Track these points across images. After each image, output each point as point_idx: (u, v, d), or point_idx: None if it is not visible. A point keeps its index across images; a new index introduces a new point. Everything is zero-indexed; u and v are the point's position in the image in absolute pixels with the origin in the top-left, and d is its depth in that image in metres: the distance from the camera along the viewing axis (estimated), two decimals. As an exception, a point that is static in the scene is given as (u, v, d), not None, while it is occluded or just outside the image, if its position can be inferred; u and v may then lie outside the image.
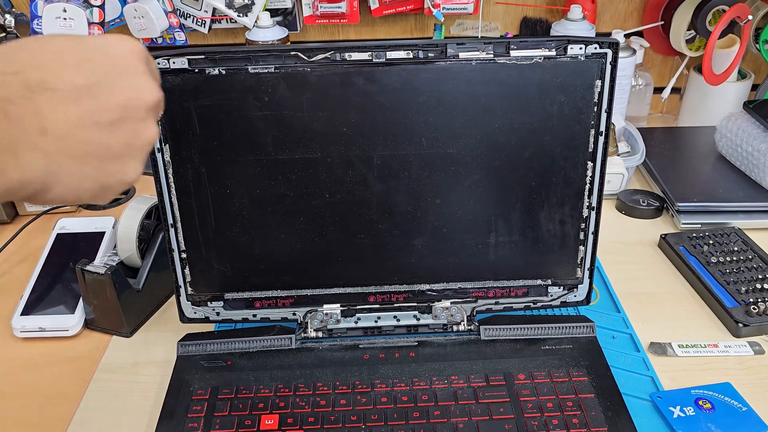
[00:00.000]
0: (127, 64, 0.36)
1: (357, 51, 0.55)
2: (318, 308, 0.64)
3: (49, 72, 0.33)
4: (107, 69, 0.35)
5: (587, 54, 0.56)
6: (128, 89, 0.35)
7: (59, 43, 0.34)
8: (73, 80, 0.33)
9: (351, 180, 0.59)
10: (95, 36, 0.36)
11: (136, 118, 0.36)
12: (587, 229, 0.62)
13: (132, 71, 0.36)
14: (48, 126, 0.32)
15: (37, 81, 0.32)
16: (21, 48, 0.33)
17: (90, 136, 0.34)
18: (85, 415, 0.60)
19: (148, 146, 0.37)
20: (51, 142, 0.32)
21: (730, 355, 0.64)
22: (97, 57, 0.35)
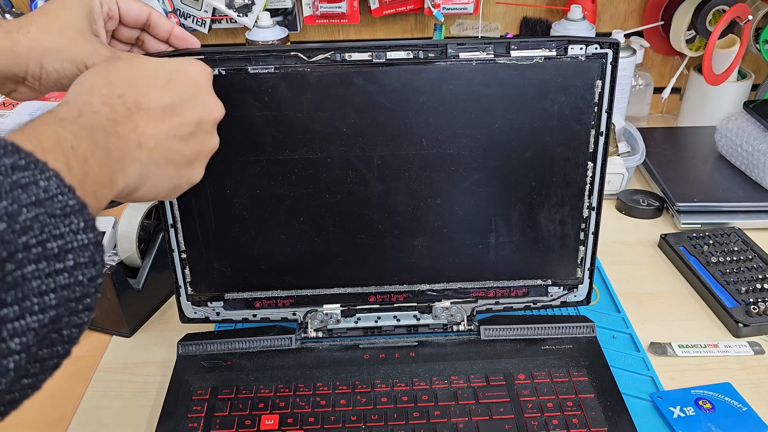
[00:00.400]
0: (200, 85, 0.43)
1: (357, 51, 0.55)
2: (318, 308, 0.64)
3: (143, 94, 0.39)
4: (186, 89, 0.42)
5: (588, 54, 0.56)
6: (201, 107, 0.43)
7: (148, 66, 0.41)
8: (161, 100, 0.40)
9: (351, 180, 0.59)
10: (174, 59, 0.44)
11: (205, 131, 0.43)
12: (587, 229, 0.62)
13: (204, 91, 0.43)
14: (143, 141, 0.38)
15: (134, 102, 0.39)
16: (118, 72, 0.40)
17: (172, 147, 0.41)
18: (85, 415, 0.60)
19: (212, 152, 0.45)
20: (145, 153, 0.38)
21: (730, 355, 0.64)
22: (178, 79, 0.42)
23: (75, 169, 0.32)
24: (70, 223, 0.29)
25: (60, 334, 0.29)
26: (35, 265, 0.27)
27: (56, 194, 0.28)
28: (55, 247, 0.28)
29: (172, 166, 0.41)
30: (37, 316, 0.27)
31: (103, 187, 0.35)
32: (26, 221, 0.27)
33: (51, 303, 0.28)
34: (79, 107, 0.36)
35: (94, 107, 0.37)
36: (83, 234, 0.29)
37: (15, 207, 0.27)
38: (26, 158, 0.28)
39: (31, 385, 0.30)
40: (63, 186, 0.29)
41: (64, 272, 0.28)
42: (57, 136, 0.32)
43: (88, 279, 0.30)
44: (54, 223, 0.28)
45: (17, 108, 0.85)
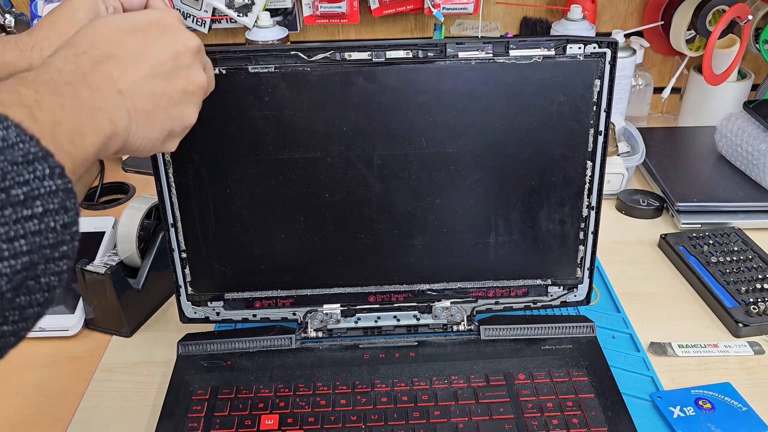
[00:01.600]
0: (167, 24, 0.42)
1: (357, 51, 0.55)
2: (318, 308, 0.64)
3: (109, 46, 0.39)
4: (153, 32, 0.41)
5: (586, 53, 0.56)
6: (174, 42, 0.42)
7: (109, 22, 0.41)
8: (129, 47, 0.39)
9: (351, 180, 0.59)
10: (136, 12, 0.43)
11: (186, 65, 0.42)
12: (587, 229, 0.62)
13: (173, 29, 0.42)
14: (122, 87, 0.38)
15: (100, 54, 0.38)
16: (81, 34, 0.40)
17: (154, 89, 0.40)
18: (85, 415, 0.60)
19: (200, 90, 0.43)
20: (128, 99, 0.38)
21: (730, 355, 0.64)
22: (143, 26, 0.41)
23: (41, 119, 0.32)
24: (34, 170, 0.29)
25: (37, 281, 0.29)
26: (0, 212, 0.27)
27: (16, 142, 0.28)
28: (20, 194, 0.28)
29: (160, 109, 0.40)
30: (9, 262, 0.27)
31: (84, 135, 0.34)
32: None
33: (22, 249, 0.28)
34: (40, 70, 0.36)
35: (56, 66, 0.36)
36: (50, 180, 0.29)
37: None
38: None
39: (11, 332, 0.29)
40: (23, 134, 0.29)
41: (33, 219, 0.28)
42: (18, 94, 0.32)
43: (61, 225, 0.30)
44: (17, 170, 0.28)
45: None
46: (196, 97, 0.43)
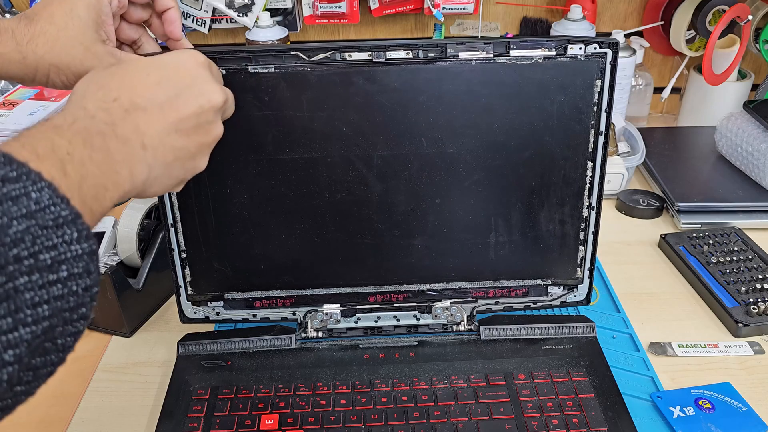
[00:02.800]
0: (195, 75, 0.42)
1: (357, 51, 0.55)
2: (318, 308, 0.64)
3: (138, 94, 0.39)
4: (180, 82, 0.41)
5: (587, 54, 0.56)
6: (199, 96, 0.42)
7: (139, 66, 0.41)
8: (157, 97, 0.40)
9: (351, 180, 0.59)
10: (165, 54, 0.44)
11: (207, 121, 0.43)
12: (587, 229, 0.62)
13: (200, 80, 0.43)
14: (146, 141, 0.38)
15: (129, 103, 0.38)
16: (111, 75, 0.40)
17: (175, 143, 0.40)
18: (85, 415, 0.60)
19: (215, 142, 0.44)
20: (150, 154, 0.38)
21: (730, 355, 0.64)
22: (170, 74, 0.41)
23: (71, 174, 0.32)
24: (63, 233, 0.29)
25: (54, 343, 0.30)
26: (27, 277, 0.27)
27: (48, 205, 0.29)
28: (48, 258, 0.28)
29: (178, 162, 0.41)
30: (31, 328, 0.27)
31: (106, 190, 0.35)
32: (17, 234, 0.27)
33: (44, 314, 0.28)
34: (74, 114, 0.36)
35: (89, 112, 0.37)
36: (77, 244, 0.29)
37: (5, 220, 0.27)
38: (18, 169, 0.28)
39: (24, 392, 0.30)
40: (56, 197, 0.29)
41: (58, 283, 0.29)
42: (51, 143, 0.32)
43: (83, 289, 0.30)
44: (46, 235, 0.28)
45: (17, 108, 0.85)
46: (210, 148, 0.44)
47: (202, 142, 0.43)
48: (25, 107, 0.85)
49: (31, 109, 0.84)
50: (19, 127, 0.80)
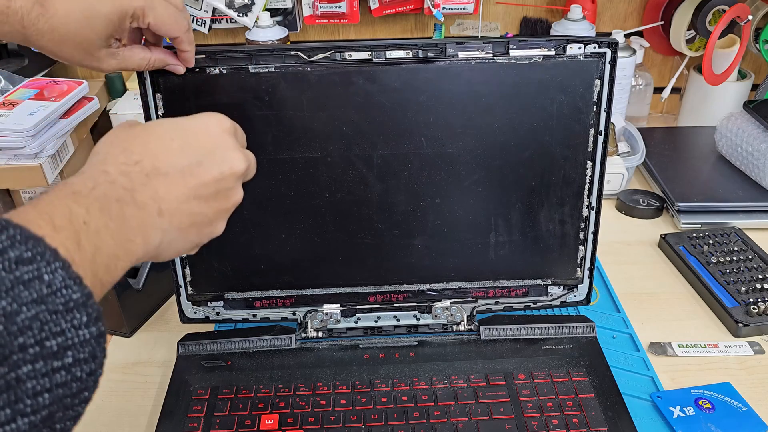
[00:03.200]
0: (218, 142, 0.42)
1: (357, 51, 0.55)
2: (318, 308, 0.64)
3: (160, 158, 0.38)
4: (203, 149, 0.41)
5: (586, 53, 0.56)
6: (221, 163, 0.41)
7: (163, 129, 0.40)
8: (179, 163, 0.39)
9: (351, 179, 0.59)
10: (188, 117, 0.42)
11: (227, 188, 0.42)
12: (587, 229, 0.62)
13: (223, 147, 0.42)
14: (164, 207, 0.37)
15: (151, 168, 0.38)
16: (133, 137, 0.39)
17: (194, 210, 0.39)
18: (85, 415, 0.60)
19: (234, 207, 0.43)
20: (166, 220, 0.38)
21: (730, 355, 0.64)
22: (193, 139, 0.41)
23: (86, 246, 0.31)
24: (72, 318, 0.28)
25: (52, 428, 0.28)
26: (31, 366, 0.26)
27: (60, 288, 0.28)
28: (54, 345, 0.27)
29: (194, 227, 0.40)
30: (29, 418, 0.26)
31: (119, 259, 0.34)
32: (25, 321, 0.26)
33: (45, 403, 0.27)
34: (94, 178, 0.35)
35: (109, 176, 0.36)
36: (85, 329, 0.28)
37: (14, 306, 0.26)
38: (33, 249, 0.27)
39: None
40: (68, 278, 0.28)
41: (62, 370, 0.27)
42: (69, 212, 0.32)
43: (87, 374, 0.29)
44: (55, 320, 0.27)
45: (17, 108, 0.85)
46: (229, 213, 0.43)
47: (220, 208, 0.42)
48: (25, 107, 0.85)
49: (31, 109, 0.84)
50: (20, 127, 0.80)
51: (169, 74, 0.55)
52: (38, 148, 0.82)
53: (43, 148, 0.83)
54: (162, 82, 0.55)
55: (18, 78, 0.95)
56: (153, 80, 0.55)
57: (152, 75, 0.55)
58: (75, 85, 0.90)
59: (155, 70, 0.55)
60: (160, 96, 0.56)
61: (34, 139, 0.82)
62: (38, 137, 0.82)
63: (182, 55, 0.53)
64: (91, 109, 0.93)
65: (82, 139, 0.94)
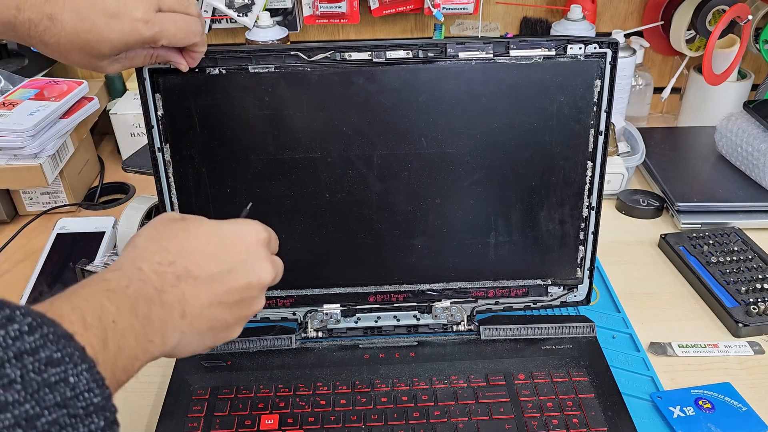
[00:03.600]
0: (251, 251, 0.43)
1: (357, 51, 0.55)
2: (318, 308, 0.64)
3: (194, 262, 0.39)
4: (236, 256, 0.42)
5: (587, 54, 0.56)
6: (250, 273, 0.42)
7: (202, 231, 0.42)
8: (210, 268, 0.40)
9: (351, 180, 0.59)
10: (227, 222, 0.43)
11: (252, 297, 0.43)
12: (587, 229, 0.62)
13: (255, 257, 0.43)
14: (187, 310, 0.38)
15: (183, 270, 0.39)
16: (172, 236, 0.40)
17: (215, 315, 0.40)
18: (85, 414, 0.60)
19: (254, 314, 0.44)
20: (187, 322, 0.38)
21: (730, 355, 0.64)
22: (229, 246, 0.42)
23: (111, 347, 0.32)
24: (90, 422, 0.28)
25: None
26: None
27: (83, 391, 0.28)
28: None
29: (212, 331, 0.41)
30: None
31: (137, 360, 0.35)
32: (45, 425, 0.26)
33: None
34: (129, 275, 0.37)
35: (143, 274, 0.37)
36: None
37: (37, 410, 0.26)
38: (63, 349, 0.28)
39: None
40: (92, 381, 0.29)
41: None
42: (101, 310, 0.33)
43: None
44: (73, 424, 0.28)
45: (17, 108, 0.85)
46: (248, 319, 0.44)
47: (241, 315, 0.42)
48: (25, 107, 0.85)
49: (31, 110, 0.84)
50: (20, 127, 0.80)
51: (169, 74, 0.55)
52: (38, 148, 0.83)
53: (43, 148, 0.83)
54: (162, 83, 0.55)
55: (18, 78, 0.95)
56: (152, 80, 0.55)
57: (152, 75, 0.55)
58: (75, 85, 0.91)
59: (155, 70, 0.55)
60: (159, 96, 0.56)
61: (34, 139, 0.82)
62: (38, 137, 0.82)
63: (192, 55, 0.53)
64: (91, 109, 0.93)
65: (82, 139, 0.94)
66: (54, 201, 0.90)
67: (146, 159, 0.60)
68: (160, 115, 0.56)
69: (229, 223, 0.44)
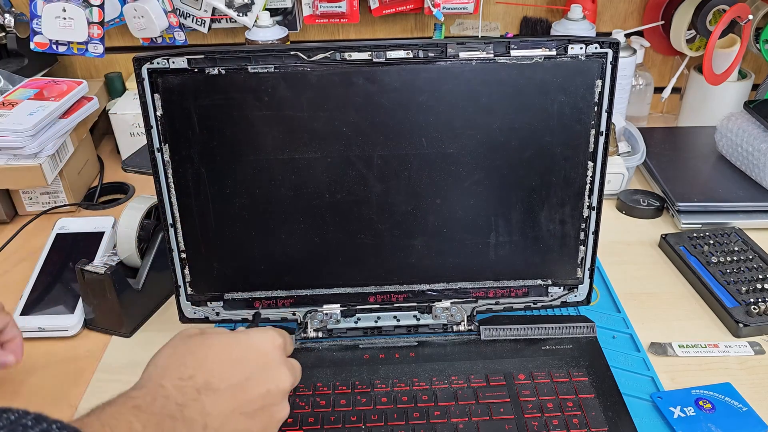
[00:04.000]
0: (270, 359, 0.44)
1: (357, 51, 0.55)
2: (318, 308, 0.64)
3: (213, 374, 0.41)
4: (255, 365, 0.43)
5: (588, 54, 0.56)
6: (269, 381, 0.43)
7: (220, 344, 0.43)
8: (230, 379, 0.42)
9: (351, 180, 0.59)
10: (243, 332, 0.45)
11: (273, 404, 0.44)
12: (587, 229, 0.62)
13: (274, 364, 0.44)
14: (209, 422, 0.39)
15: (203, 383, 0.40)
16: (190, 352, 0.42)
17: (237, 425, 0.41)
18: (85, 415, 0.60)
19: (280, 423, 0.44)
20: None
21: (730, 355, 0.64)
22: (247, 355, 0.43)
23: None
24: None
25: None
26: None
27: None
28: None
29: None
30: None
31: None
32: None
33: None
34: (152, 392, 0.39)
35: (165, 390, 0.39)
36: None
37: None
38: None
39: None
40: None
41: None
42: (129, 427, 0.35)
43: None
44: None
45: (17, 108, 0.85)
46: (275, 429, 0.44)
47: (265, 425, 0.43)
48: (25, 107, 0.85)
49: (31, 109, 0.84)
50: (19, 127, 0.80)
51: (168, 75, 0.55)
52: (38, 148, 0.82)
53: (43, 148, 0.83)
54: (161, 83, 0.55)
55: (18, 78, 0.95)
56: (152, 81, 0.55)
57: (151, 75, 0.55)
58: (74, 84, 0.90)
59: (154, 70, 0.55)
60: (158, 96, 0.56)
61: (34, 139, 0.82)
62: (38, 137, 0.82)
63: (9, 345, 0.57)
64: (91, 108, 0.93)
65: (82, 139, 0.94)
66: (54, 201, 0.90)
67: (146, 159, 0.60)
68: (159, 116, 0.56)
69: (245, 332, 0.45)
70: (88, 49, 0.97)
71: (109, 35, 1.04)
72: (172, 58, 0.55)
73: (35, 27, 0.96)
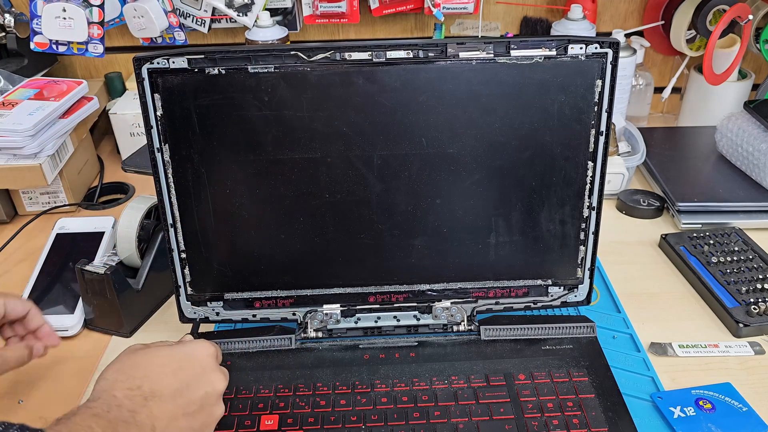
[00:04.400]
0: (205, 365, 0.52)
1: (357, 51, 0.55)
2: (318, 308, 0.64)
3: (157, 383, 0.48)
4: (193, 371, 0.50)
5: (588, 54, 0.56)
6: (206, 385, 0.51)
7: (160, 357, 0.50)
8: (172, 385, 0.48)
9: (351, 180, 0.59)
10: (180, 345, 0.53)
11: (211, 404, 0.51)
12: (587, 229, 0.62)
13: (208, 369, 0.52)
14: (157, 424, 0.45)
15: (149, 391, 0.47)
16: (136, 365, 0.49)
17: (181, 425, 0.47)
18: (85, 415, 0.60)
19: (217, 421, 0.52)
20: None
21: (730, 355, 0.64)
22: (185, 364, 0.50)
23: None
24: None
25: None
26: None
27: None
28: None
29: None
30: None
31: None
32: None
33: None
34: (107, 402, 0.45)
35: (118, 400, 0.45)
36: None
37: None
38: None
39: None
40: None
41: None
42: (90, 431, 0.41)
43: None
44: None
45: (17, 108, 0.85)
46: (212, 427, 0.51)
47: (205, 422, 0.50)
48: (25, 107, 0.85)
49: (30, 109, 0.84)
50: (19, 127, 0.80)
51: (168, 75, 0.55)
52: (38, 148, 0.82)
53: (43, 147, 0.83)
54: (161, 83, 0.55)
55: (18, 78, 0.95)
56: (152, 81, 0.55)
57: (151, 75, 0.55)
58: (74, 84, 0.90)
59: (154, 70, 0.55)
60: (158, 96, 0.56)
61: (34, 139, 0.82)
62: (38, 137, 0.82)
63: (40, 333, 0.60)
64: (91, 108, 0.93)
65: (82, 138, 0.94)
66: (53, 201, 0.90)
67: (146, 159, 0.60)
68: (159, 116, 0.56)
69: (182, 344, 0.52)
70: (88, 49, 0.97)
71: (109, 35, 1.04)
72: (172, 58, 0.55)
73: (35, 27, 0.96)
